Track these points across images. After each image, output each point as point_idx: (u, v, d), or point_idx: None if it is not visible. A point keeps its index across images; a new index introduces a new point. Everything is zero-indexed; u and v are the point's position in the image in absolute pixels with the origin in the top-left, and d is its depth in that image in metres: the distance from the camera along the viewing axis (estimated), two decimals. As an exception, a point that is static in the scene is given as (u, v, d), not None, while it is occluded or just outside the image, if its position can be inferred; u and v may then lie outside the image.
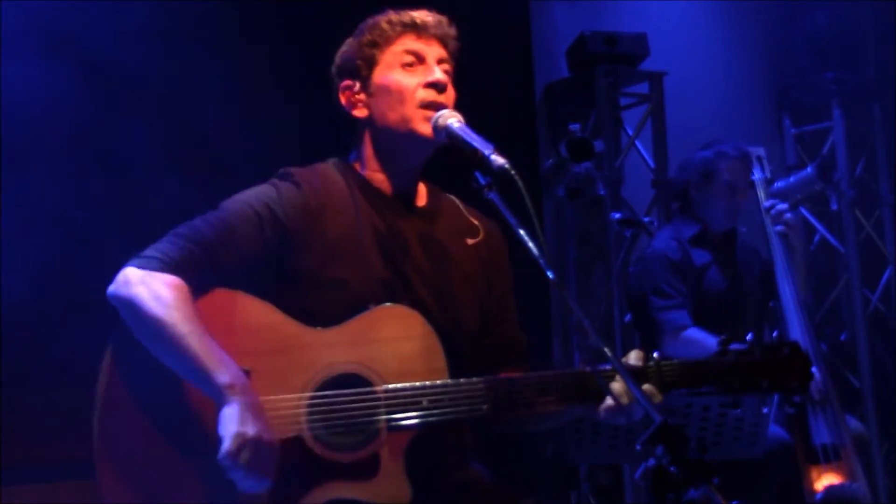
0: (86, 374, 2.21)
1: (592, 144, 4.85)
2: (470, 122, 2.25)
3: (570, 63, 5.21)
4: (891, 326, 5.89)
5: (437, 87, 2.31)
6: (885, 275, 5.95)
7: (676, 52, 5.50)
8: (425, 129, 2.29)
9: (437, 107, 2.29)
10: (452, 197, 2.50)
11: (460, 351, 2.32)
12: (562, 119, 5.20)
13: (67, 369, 3.44)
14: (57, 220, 3.75)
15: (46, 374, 3.61)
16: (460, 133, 2.20)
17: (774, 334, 2.21)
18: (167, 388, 2.16)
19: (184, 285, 2.14)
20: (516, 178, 2.07)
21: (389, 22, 2.35)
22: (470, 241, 2.43)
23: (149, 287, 2.12)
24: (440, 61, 2.35)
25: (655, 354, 2.17)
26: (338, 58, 2.43)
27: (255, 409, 2.06)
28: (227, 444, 2.01)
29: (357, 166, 2.41)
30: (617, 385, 2.10)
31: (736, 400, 2.17)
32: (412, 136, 2.31)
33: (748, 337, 2.18)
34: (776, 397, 3.82)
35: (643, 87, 5.32)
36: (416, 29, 2.35)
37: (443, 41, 2.37)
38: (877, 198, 6.02)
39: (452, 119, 2.24)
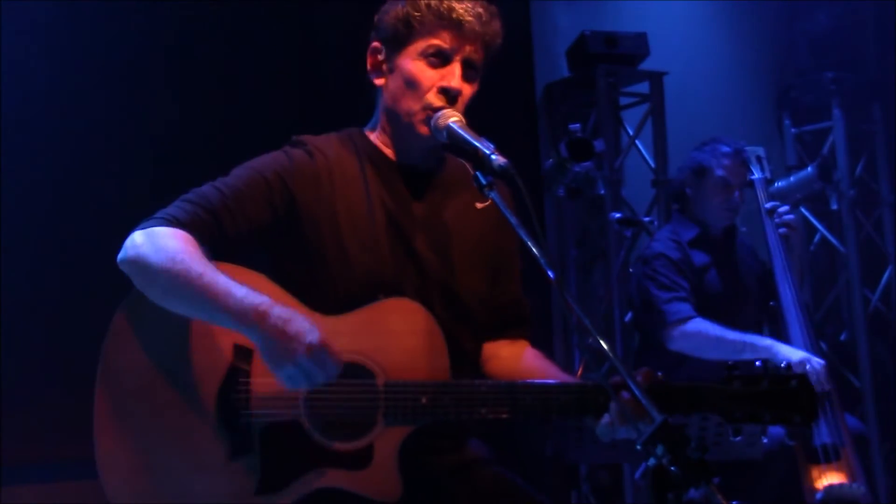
0: (86, 374, 2.21)
1: (592, 144, 4.85)
2: (470, 121, 2.25)
3: (570, 63, 5.21)
4: (891, 326, 5.89)
5: (448, 93, 2.27)
6: (885, 275, 5.95)
7: (676, 52, 5.51)
8: (424, 130, 2.28)
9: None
10: (463, 161, 2.47)
11: (472, 318, 2.33)
12: (562, 119, 5.20)
13: (67, 369, 3.45)
14: (57, 220, 3.75)
15: (46, 374, 3.61)
16: (461, 133, 2.20)
17: (783, 364, 2.16)
18: (169, 361, 2.16)
19: (189, 236, 2.13)
20: (517, 177, 2.06)
21: (429, 7, 2.28)
22: (479, 206, 2.41)
23: (154, 242, 2.11)
24: (467, 64, 2.30)
25: (659, 374, 2.15)
26: (381, 12, 2.36)
27: (290, 327, 2.02)
28: (286, 380, 2.04)
29: (371, 136, 2.40)
30: (615, 405, 2.08)
31: (738, 428, 2.13)
32: (412, 131, 2.30)
33: (757, 364, 2.15)
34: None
35: (643, 87, 5.32)
36: (453, 25, 2.27)
37: (478, 40, 2.30)
38: (877, 198, 6.02)
39: (453, 118, 2.24)
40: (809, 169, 5.09)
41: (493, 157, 2.09)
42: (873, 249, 5.97)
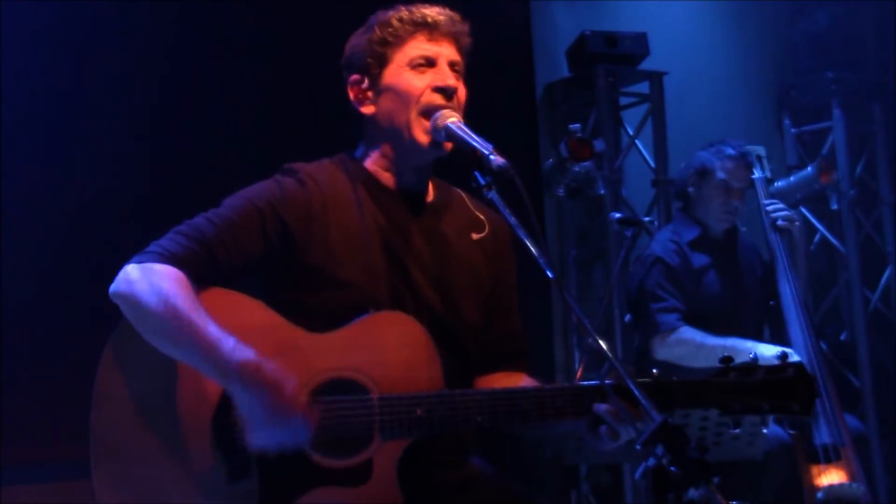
0: (86, 374, 2.21)
1: (592, 144, 4.85)
2: (470, 122, 2.24)
3: (570, 63, 5.21)
4: (891, 326, 5.89)
5: (445, 92, 2.28)
6: (885, 275, 5.94)
7: (676, 52, 5.50)
8: (424, 139, 2.28)
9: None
10: (460, 191, 2.48)
11: (464, 349, 2.32)
12: (562, 119, 5.19)
13: (68, 369, 3.45)
14: (57, 220, 3.75)
15: (46, 374, 3.61)
16: (460, 133, 2.19)
17: (779, 354, 2.16)
18: (164, 385, 2.15)
19: (184, 277, 2.12)
20: (516, 177, 2.06)
21: (401, 20, 2.32)
22: (475, 236, 2.42)
23: (149, 280, 2.10)
24: (451, 64, 2.33)
25: (655, 371, 2.15)
26: (347, 50, 2.40)
27: (272, 389, 2.02)
28: (258, 444, 2.05)
29: (364, 162, 2.39)
30: (606, 405, 2.08)
31: (736, 420, 2.12)
32: (414, 145, 2.30)
33: (751, 356, 2.15)
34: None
35: (643, 87, 5.32)
36: (428, 28, 2.31)
37: (454, 39, 2.34)
38: (877, 198, 6.02)
39: (452, 119, 2.23)
40: (809, 169, 5.09)
41: (492, 157, 2.08)
42: (873, 249, 5.97)
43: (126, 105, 3.91)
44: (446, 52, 2.32)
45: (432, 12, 2.33)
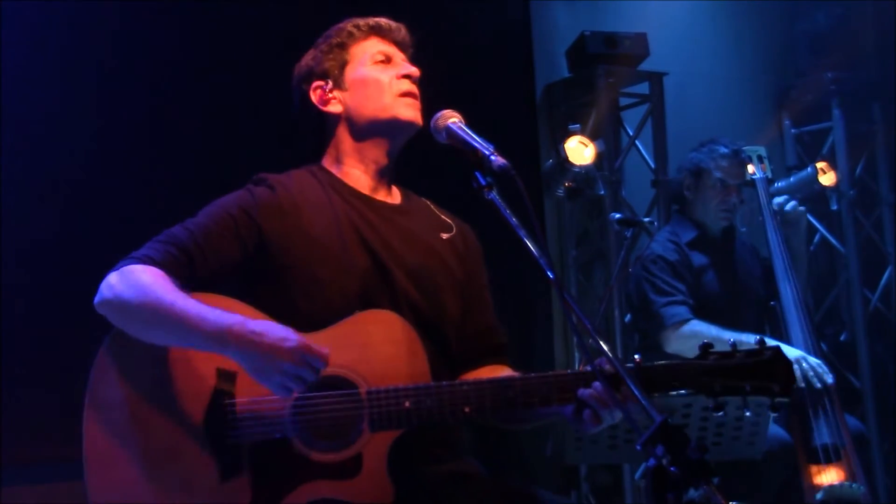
0: (85, 374, 2.22)
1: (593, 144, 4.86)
2: (470, 122, 2.25)
3: (570, 63, 5.21)
4: (891, 326, 5.89)
5: (410, 77, 2.42)
6: (885, 275, 5.95)
7: (676, 52, 5.51)
8: (406, 113, 2.39)
9: (413, 96, 2.40)
10: (424, 199, 2.56)
11: (446, 339, 2.36)
12: (562, 119, 5.20)
13: (67, 369, 3.45)
14: (57, 221, 3.75)
15: (46, 374, 3.61)
16: (460, 133, 2.20)
17: (755, 339, 2.21)
18: (155, 388, 2.18)
19: (161, 271, 2.18)
20: (517, 178, 2.07)
21: (356, 26, 2.47)
22: (444, 236, 2.49)
23: (127, 280, 2.16)
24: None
25: (637, 357, 2.17)
26: (303, 65, 2.50)
27: (262, 335, 2.07)
28: (280, 390, 2.09)
29: (332, 167, 2.45)
30: (589, 391, 2.11)
31: (719, 403, 2.15)
32: (394, 122, 2.39)
33: (730, 341, 2.18)
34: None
35: (643, 87, 5.32)
36: (381, 32, 2.47)
37: (402, 48, 2.49)
38: (877, 198, 6.02)
39: (452, 119, 2.25)
40: (809, 169, 5.10)
41: (493, 157, 2.10)
42: (873, 249, 5.97)
43: (126, 106, 3.91)
44: (398, 52, 2.47)
45: (383, 20, 2.49)
